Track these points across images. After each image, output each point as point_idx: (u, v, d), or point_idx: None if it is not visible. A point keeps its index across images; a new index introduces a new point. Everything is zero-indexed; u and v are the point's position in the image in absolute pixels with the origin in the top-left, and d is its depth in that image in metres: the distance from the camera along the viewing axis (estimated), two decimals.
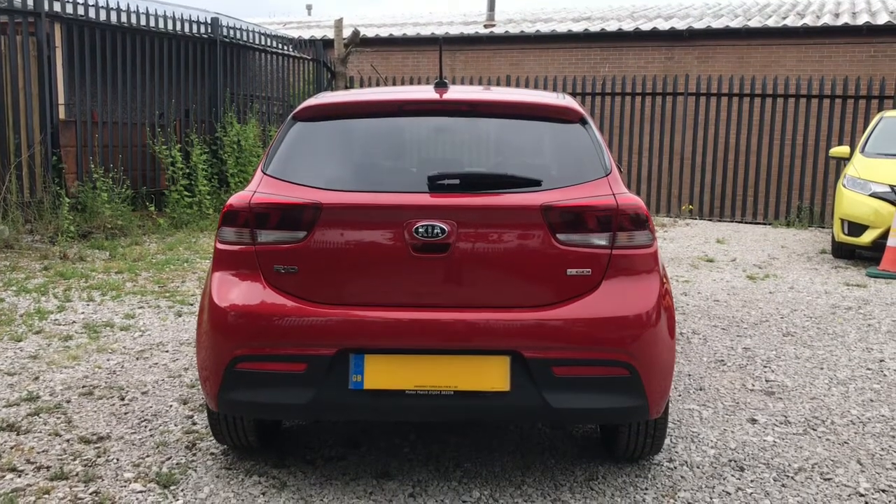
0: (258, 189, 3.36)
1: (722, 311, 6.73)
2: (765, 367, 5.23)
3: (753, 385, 4.87)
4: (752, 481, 3.57)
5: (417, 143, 3.55)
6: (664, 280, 3.38)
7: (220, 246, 3.36)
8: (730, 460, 3.77)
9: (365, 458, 3.74)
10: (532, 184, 3.28)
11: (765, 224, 13.01)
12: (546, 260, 3.19)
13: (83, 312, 6.44)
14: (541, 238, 3.18)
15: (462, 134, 3.56)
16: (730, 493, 3.44)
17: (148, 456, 3.75)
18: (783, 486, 3.53)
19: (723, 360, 5.35)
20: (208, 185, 11.36)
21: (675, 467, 3.70)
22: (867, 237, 8.77)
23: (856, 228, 8.90)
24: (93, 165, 10.19)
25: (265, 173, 3.44)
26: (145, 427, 4.10)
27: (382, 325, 3.17)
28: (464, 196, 3.25)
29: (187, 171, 11.25)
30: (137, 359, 5.27)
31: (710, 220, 13.49)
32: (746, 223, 13.17)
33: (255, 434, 3.63)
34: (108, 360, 5.22)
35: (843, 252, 9.34)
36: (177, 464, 3.67)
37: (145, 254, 8.97)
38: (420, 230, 3.14)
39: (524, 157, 3.49)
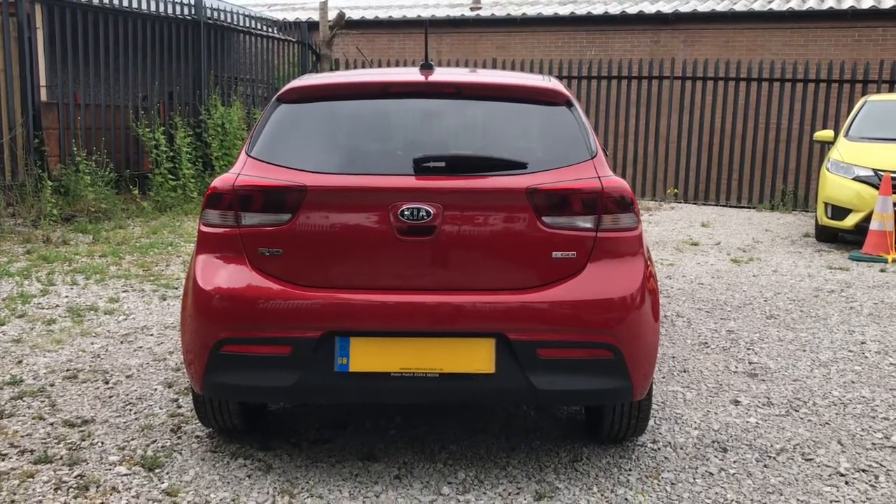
0: (242, 171, 3.34)
1: (706, 295, 6.77)
2: (748, 349, 5.27)
3: (737, 367, 4.91)
4: (734, 462, 3.60)
5: (403, 125, 3.54)
6: (649, 263, 3.40)
7: (203, 229, 3.35)
8: (713, 441, 3.81)
9: (350, 440, 3.75)
10: (518, 166, 3.28)
11: (749, 208, 13.07)
12: (531, 243, 3.19)
13: (67, 296, 6.40)
14: (526, 221, 3.19)
15: (448, 116, 3.55)
16: (713, 474, 3.47)
17: (133, 439, 3.74)
18: (765, 466, 3.57)
19: (706, 343, 5.39)
20: (192, 169, 11.28)
21: (659, 448, 3.72)
22: (850, 221, 8.83)
23: (839, 212, 8.95)
24: (75, 148, 10.10)
25: (249, 155, 3.42)
26: (130, 410, 4.09)
27: (368, 308, 3.17)
28: (449, 179, 3.25)
29: (171, 154, 11.17)
30: (122, 342, 5.25)
31: (695, 203, 13.54)
32: (731, 207, 13.23)
33: (241, 417, 3.62)
34: (92, 343, 5.20)
35: (826, 235, 9.40)
36: (162, 447, 3.67)
37: (129, 237, 8.91)
38: (405, 213, 3.13)
39: (510, 139, 3.48)
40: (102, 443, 3.70)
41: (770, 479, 3.44)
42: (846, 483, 3.42)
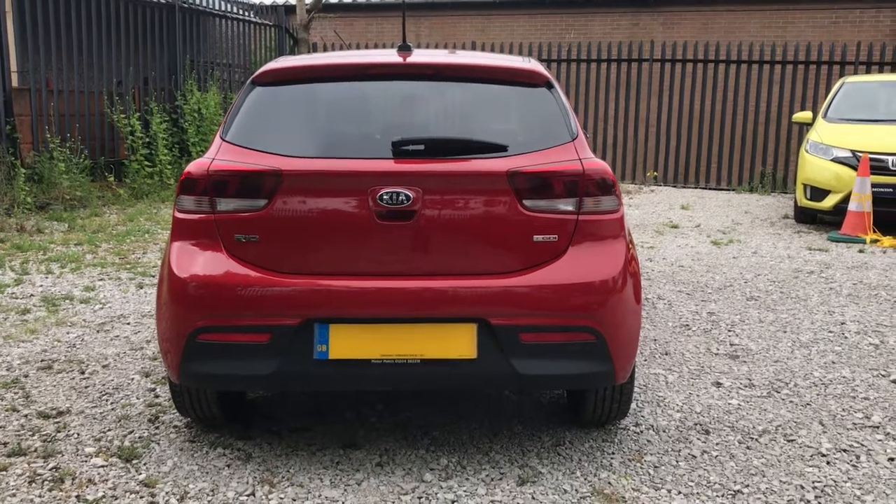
0: (217, 156, 3.28)
1: (687, 277, 6.77)
2: (729, 331, 5.27)
3: (718, 349, 4.91)
4: (717, 444, 3.59)
5: (381, 108, 3.48)
6: (630, 246, 3.37)
7: (178, 215, 3.28)
8: (695, 424, 3.80)
9: (331, 428, 3.70)
10: (498, 149, 3.23)
11: (728, 190, 13.11)
12: (512, 226, 3.16)
13: (41, 285, 6.30)
14: (507, 204, 3.15)
15: (427, 99, 3.49)
16: (695, 457, 3.47)
17: (109, 430, 3.68)
18: (748, 448, 3.56)
19: (688, 325, 5.39)
20: (169, 155, 11.15)
21: (642, 431, 3.71)
22: (829, 202, 8.86)
23: (818, 193, 8.98)
24: (48, 135, 9.93)
25: (224, 139, 3.36)
26: (106, 401, 4.03)
27: (347, 294, 3.12)
28: (429, 162, 3.20)
29: (147, 140, 11.03)
30: (98, 332, 5.17)
31: (675, 186, 13.56)
32: (710, 189, 13.26)
33: (219, 406, 3.57)
34: (67, 333, 5.12)
35: (805, 217, 9.44)
36: (139, 437, 3.61)
37: (105, 225, 8.79)
38: (384, 197, 3.08)
39: (490, 121, 3.43)
40: (78, 434, 3.64)
41: (753, 460, 3.44)
42: (828, 463, 3.42)
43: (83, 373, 4.41)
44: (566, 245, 3.19)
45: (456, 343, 3.12)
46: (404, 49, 3.59)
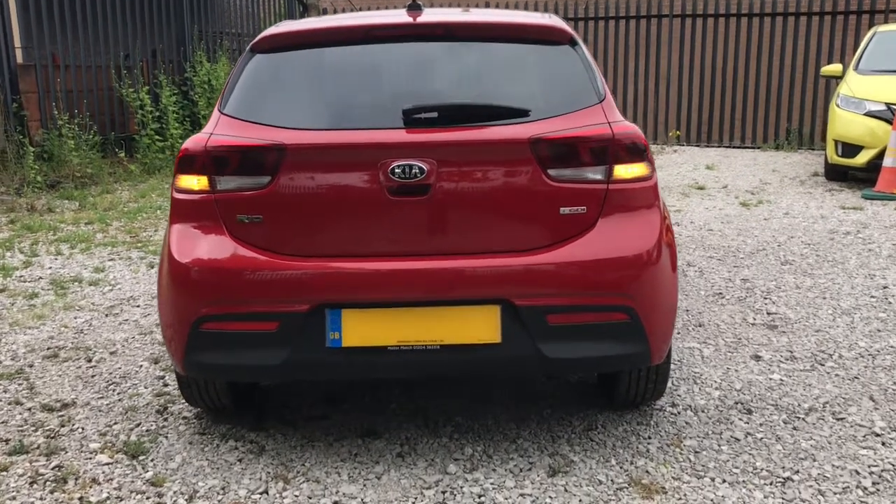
0: (215, 131, 3.04)
1: (717, 241, 6.48)
2: (765, 298, 5.00)
3: (755, 319, 4.65)
4: (760, 425, 3.36)
5: (390, 73, 3.21)
6: (665, 215, 3.11)
7: (176, 195, 3.06)
8: (736, 402, 3.56)
9: (348, 415, 3.50)
10: (519, 114, 2.97)
11: (753, 148, 12.71)
12: (537, 199, 2.91)
13: (50, 267, 6.13)
14: (530, 174, 2.89)
15: (440, 61, 3.22)
16: (738, 440, 3.23)
17: (115, 423, 3.50)
18: (794, 428, 3.32)
19: (721, 294, 5.12)
20: (180, 129, 10.92)
21: (679, 412, 3.48)
22: (862, 158, 8.49)
23: (850, 149, 8.61)
24: (56, 112, 9.72)
25: (222, 112, 3.12)
26: (113, 391, 3.84)
27: (359, 277, 2.89)
28: (444, 131, 2.94)
29: (157, 114, 10.79)
30: (107, 315, 4.98)
31: (698, 145, 13.17)
32: (735, 148, 12.86)
33: (229, 395, 3.37)
34: (75, 318, 4.94)
35: (836, 174, 9.08)
36: (146, 431, 3.42)
37: (116, 202, 8.61)
38: (396, 171, 2.84)
39: (509, 85, 3.16)
40: (83, 429, 3.45)
41: (801, 442, 3.20)
42: (883, 444, 3.18)
43: (90, 361, 4.23)
44: (595, 217, 2.94)
45: (478, 327, 2.89)
46: (414, 8, 3.32)
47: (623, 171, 2.95)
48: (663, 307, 3.01)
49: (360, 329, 2.90)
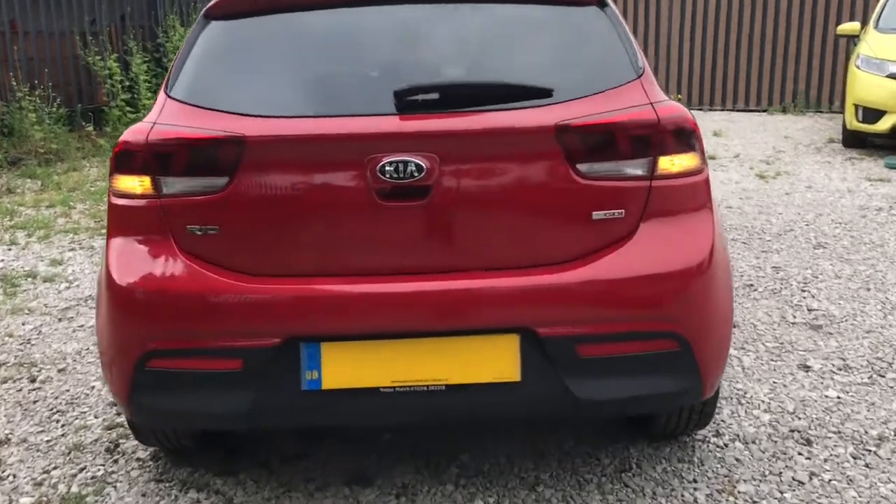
0: (159, 119, 2.43)
1: (738, 221, 5.91)
2: (802, 290, 4.45)
3: (794, 316, 4.10)
4: (825, 461, 2.81)
5: (379, 44, 2.58)
6: (717, 217, 2.53)
7: (115, 201, 2.46)
8: (791, 430, 3.01)
9: (334, 454, 2.94)
10: (540, 94, 2.36)
11: (759, 111, 12.11)
12: (563, 201, 2.32)
13: (2, 259, 5.52)
14: (555, 171, 2.30)
15: (440, 29, 2.60)
16: (803, 483, 2.69)
17: (55, 467, 2.93)
18: (866, 465, 2.78)
19: (752, 285, 4.56)
20: (153, 98, 10.20)
21: (726, 444, 2.93)
22: (885, 123, 7.91)
23: (871, 114, 8.03)
24: (15, 83, 9.00)
25: (169, 96, 2.50)
26: (57, 422, 3.26)
27: (342, 302, 2.31)
28: (446, 116, 2.34)
29: (128, 83, 10.09)
30: (60, 320, 4.39)
31: (701, 109, 12.54)
32: (740, 111, 12.26)
33: (190, 434, 2.80)
34: (23, 324, 4.35)
35: (854, 141, 8.50)
36: (91, 478, 2.85)
37: (83, 181, 7.97)
38: (388, 169, 2.24)
39: (527, 57, 2.54)
40: (14, 476, 2.89)
41: (878, 486, 2.66)
42: None
43: (34, 381, 3.64)
44: (636, 222, 2.36)
45: (492, 362, 2.32)
46: None
47: (669, 163, 2.36)
48: (718, 332, 2.45)
49: (345, 367, 2.33)
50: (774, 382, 3.39)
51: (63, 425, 3.24)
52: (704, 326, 2.39)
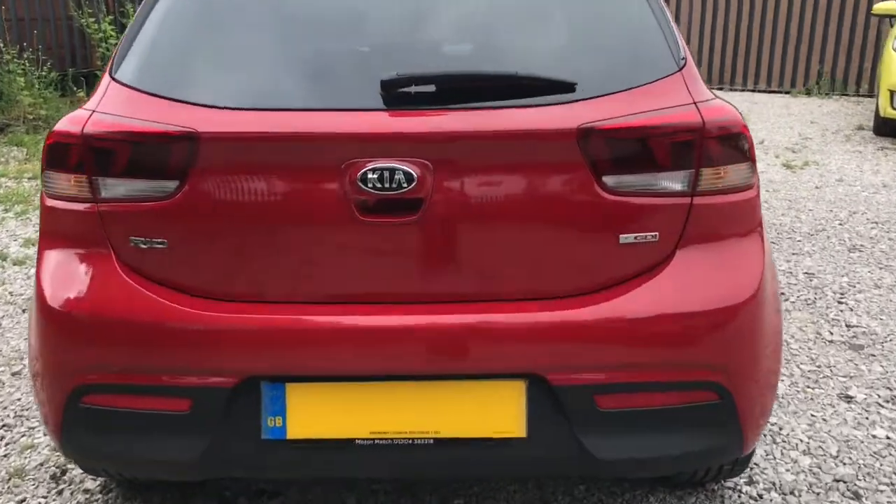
0: (99, 107, 2.02)
1: (766, 216, 5.44)
2: (839, 302, 4.03)
3: (831, 332, 3.69)
4: None
5: (363, 22, 2.14)
6: (767, 242, 2.11)
7: (48, 202, 2.05)
8: (836, 480, 2.61)
9: (308, 493, 2.55)
10: (559, 89, 1.93)
11: (781, 93, 11.58)
12: (585, 220, 1.91)
13: None
14: (576, 183, 1.89)
15: (439, 5, 2.17)
16: None
17: None
18: None
19: (783, 294, 4.14)
20: None
21: (761, 495, 2.54)
22: None
23: None
24: (2, 45, 8.57)
25: (114, 78, 2.08)
26: (0, 439, 2.89)
27: (312, 335, 1.91)
28: (444, 113, 1.91)
29: None
30: (24, 311, 4.02)
31: (720, 88, 12.02)
32: (761, 92, 11.75)
33: None
34: None
35: (887, 129, 8.01)
36: None
37: None
38: (371, 177, 1.83)
39: (543, 42, 2.11)
40: None
41: None
42: None
43: None
44: (672, 248, 1.95)
45: (492, 413, 1.92)
46: None
47: (715, 177, 1.94)
48: (765, 381, 2.05)
49: (314, 414, 1.94)
50: (813, 416, 2.99)
51: (7, 444, 2.86)
52: (749, 375, 1.99)
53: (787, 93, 11.55)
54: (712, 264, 1.97)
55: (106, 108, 2.00)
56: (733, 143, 1.96)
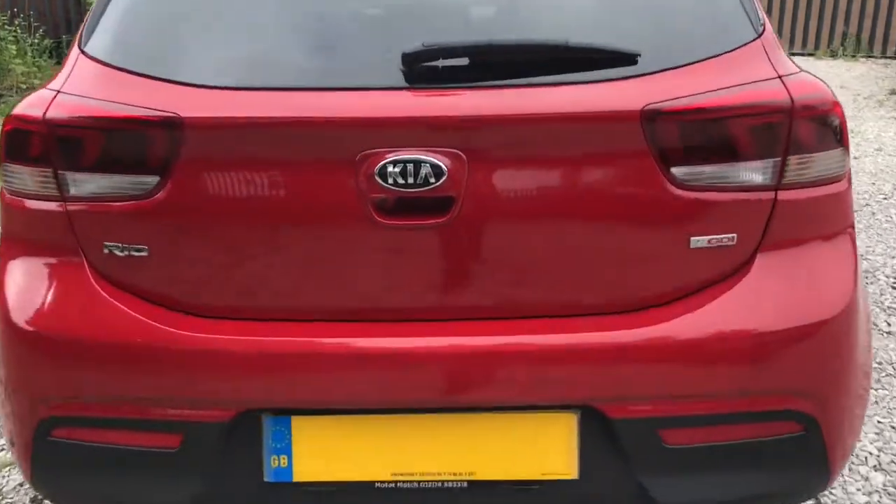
0: (65, 86, 1.69)
1: None
2: (893, 287, 3.70)
3: (889, 324, 3.37)
4: None
5: None
6: (856, 243, 1.79)
7: (9, 199, 1.74)
8: None
9: None
10: (619, 61, 1.59)
11: (805, 55, 11.12)
12: (649, 220, 1.59)
13: None
14: (639, 176, 1.56)
15: None
16: None
17: None
18: None
19: None
20: None
21: None
22: None
23: None
24: None
25: (83, 51, 1.75)
26: None
27: (322, 359, 1.60)
28: (479, 92, 1.57)
29: None
30: None
31: None
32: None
33: None
34: None
35: None
36: None
37: None
38: (391, 171, 1.50)
39: (596, 4, 1.76)
40: None
41: None
42: None
43: None
44: (751, 252, 1.62)
45: (538, 451, 1.62)
46: None
47: (803, 165, 1.62)
48: (856, 406, 1.74)
49: (326, 452, 1.64)
50: (880, 423, 2.69)
51: None
52: (839, 401, 1.68)
53: (811, 55, 11.09)
54: (798, 271, 1.65)
55: (73, 89, 1.67)
56: (825, 125, 1.63)
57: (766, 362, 1.61)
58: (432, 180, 1.50)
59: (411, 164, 1.50)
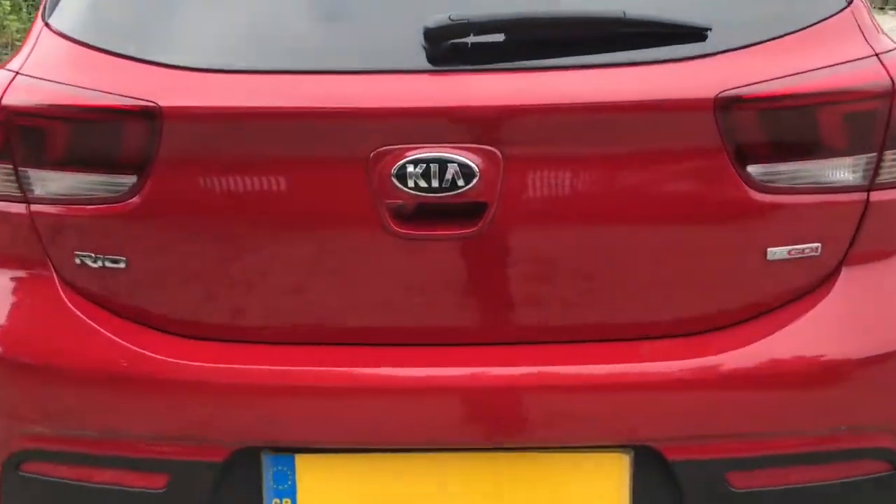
0: (25, 67, 1.45)
1: None
2: None
3: None
4: None
5: None
6: None
7: None
8: None
9: None
10: (686, 37, 1.33)
11: None
12: (721, 228, 1.36)
13: None
14: (711, 176, 1.33)
15: None
16: None
17: None
18: None
19: None
20: None
21: None
22: None
23: None
24: None
25: (47, 24, 1.50)
26: None
27: (332, 390, 1.39)
28: (517, 77, 1.31)
29: None
30: None
31: None
32: None
33: None
34: None
35: None
36: None
37: None
38: (412, 172, 1.26)
39: None
40: None
41: None
42: None
43: None
44: (836, 264, 1.38)
45: (583, 497, 1.40)
46: None
47: None
48: None
49: (335, 495, 1.43)
50: None
51: None
52: None
53: None
54: (890, 287, 1.41)
55: (34, 70, 1.43)
56: None
57: (851, 394, 1.38)
58: (460, 183, 1.26)
59: (435, 164, 1.26)
